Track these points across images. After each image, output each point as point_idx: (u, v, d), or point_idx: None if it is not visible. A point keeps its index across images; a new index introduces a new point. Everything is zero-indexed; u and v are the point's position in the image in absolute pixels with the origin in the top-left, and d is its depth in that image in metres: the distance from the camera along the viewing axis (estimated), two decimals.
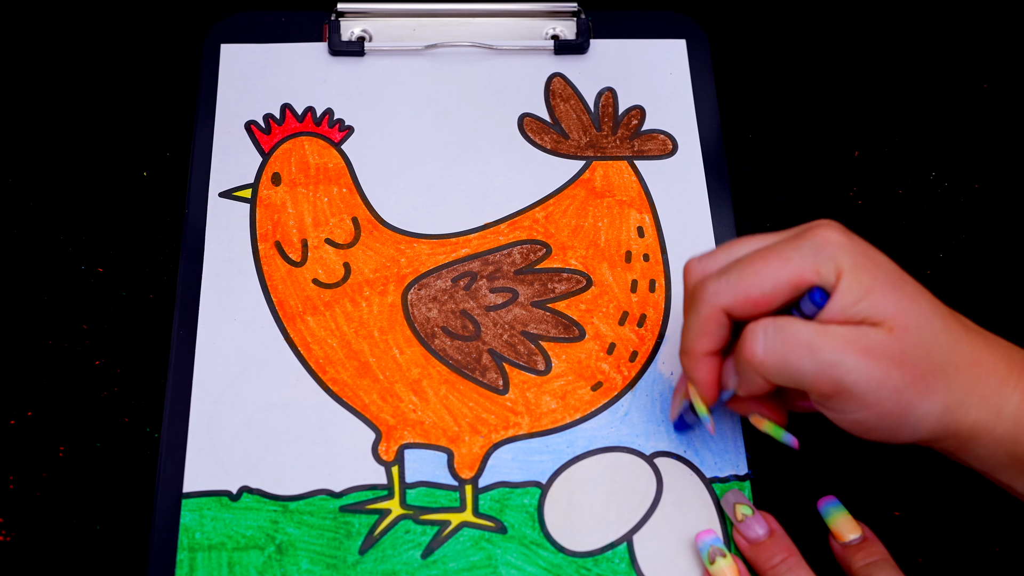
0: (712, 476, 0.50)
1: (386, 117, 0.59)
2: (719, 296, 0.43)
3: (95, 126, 0.61)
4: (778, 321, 0.42)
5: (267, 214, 0.56)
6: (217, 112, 0.59)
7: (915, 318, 0.41)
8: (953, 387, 0.42)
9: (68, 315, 0.55)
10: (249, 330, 0.53)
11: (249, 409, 0.51)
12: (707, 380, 0.45)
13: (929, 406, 0.41)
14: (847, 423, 0.43)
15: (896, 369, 0.41)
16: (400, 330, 0.53)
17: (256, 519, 0.48)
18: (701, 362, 0.45)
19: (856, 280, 0.41)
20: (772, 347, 0.42)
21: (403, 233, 0.56)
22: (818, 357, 0.41)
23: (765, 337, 0.42)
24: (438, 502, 0.49)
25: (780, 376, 0.42)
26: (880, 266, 0.42)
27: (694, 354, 0.45)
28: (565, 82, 0.61)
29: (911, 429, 0.42)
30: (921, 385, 0.41)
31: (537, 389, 0.52)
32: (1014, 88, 0.64)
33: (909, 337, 0.41)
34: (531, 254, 0.56)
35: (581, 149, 0.59)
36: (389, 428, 0.51)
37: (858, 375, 0.40)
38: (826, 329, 0.41)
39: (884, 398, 0.41)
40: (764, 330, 0.42)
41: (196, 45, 0.62)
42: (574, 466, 0.50)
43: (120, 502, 0.51)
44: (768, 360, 0.42)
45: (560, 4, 0.63)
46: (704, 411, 0.47)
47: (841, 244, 0.42)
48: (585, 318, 0.54)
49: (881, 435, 0.43)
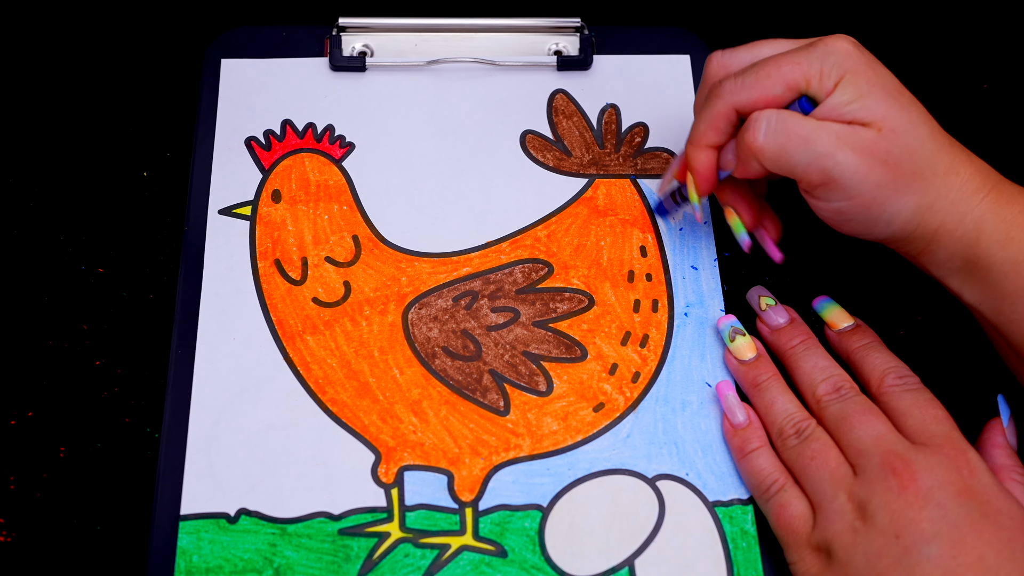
0: (715, 500, 0.50)
1: (387, 133, 0.59)
2: (734, 96, 0.48)
3: (95, 127, 0.61)
4: (780, 113, 0.46)
5: (267, 232, 0.56)
6: (217, 128, 0.58)
7: (904, 123, 0.46)
8: (928, 190, 0.46)
9: (68, 315, 0.55)
10: (248, 349, 0.52)
11: (248, 430, 0.51)
12: (706, 170, 0.50)
13: (904, 203, 0.46)
14: (829, 211, 0.48)
15: (880, 166, 0.45)
16: (400, 350, 0.53)
17: (254, 542, 0.48)
18: (704, 153, 0.50)
19: (854, 84, 0.46)
20: (772, 136, 0.46)
21: (404, 251, 0.55)
22: (812, 148, 0.45)
23: (767, 126, 0.46)
24: (438, 525, 0.49)
25: (775, 163, 0.47)
26: (880, 76, 0.46)
27: (700, 145, 0.50)
28: (567, 99, 0.60)
29: (884, 223, 0.47)
30: (900, 184, 0.46)
31: (538, 410, 0.52)
32: (1014, 88, 0.64)
33: (896, 139, 0.45)
34: (533, 273, 0.55)
35: (584, 167, 0.58)
36: (389, 450, 0.50)
37: (845, 167, 0.45)
38: (822, 124, 0.46)
39: (865, 191, 0.46)
40: (767, 120, 0.46)
41: (197, 58, 0.61)
42: (575, 489, 0.50)
43: (120, 503, 0.51)
44: (767, 147, 0.46)
45: (563, 20, 0.62)
46: (696, 199, 0.51)
47: (848, 53, 0.46)
48: (587, 338, 0.53)
49: (857, 227, 0.48)
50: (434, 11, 0.64)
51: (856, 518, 0.44)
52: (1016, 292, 0.46)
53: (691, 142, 0.50)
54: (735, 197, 0.52)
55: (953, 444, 0.45)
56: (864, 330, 0.52)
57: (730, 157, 0.49)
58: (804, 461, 0.47)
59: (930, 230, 0.47)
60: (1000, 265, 0.46)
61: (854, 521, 0.44)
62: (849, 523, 0.44)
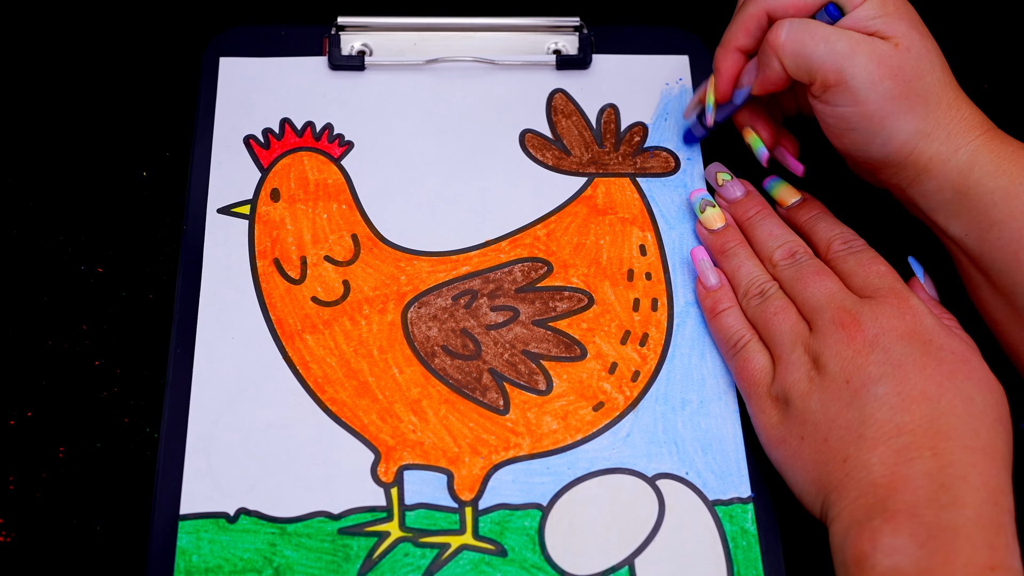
0: (715, 499, 0.50)
1: (386, 132, 0.59)
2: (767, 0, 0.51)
3: (95, 127, 0.61)
4: (806, 19, 0.50)
5: (266, 231, 0.55)
6: (216, 126, 0.58)
7: (919, 46, 0.49)
8: (930, 116, 0.49)
9: (68, 315, 0.55)
10: (247, 349, 0.52)
11: (247, 429, 0.50)
12: (729, 72, 0.53)
13: (903, 123, 0.49)
14: (834, 117, 0.50)
15: (891, 78, 0.48)
16: (400, 349, 0.53)
17: (254, 541, 0.48)
18: (731, 54, 0.53)
19: (880, 3, 0.49)
20: (794, 34, 0.49)
21: (403, 250, 0.55)
22: (831, 46, 0.48)
23: (791, 27, 0.49)
24: (437, 524, 0.49)
25: (794, 60, 0.49)
26: (906, 7, 0.49)
27: (729, 47, 0.53)
28: (567, 98, 0.60)
29: (882, 140, 0.49)
30: (905, 101, 0.48)
31: (538, 409, 0.51)
32: (1014, 88, 0.64)
33: (911, 57, 0.48)
34: (532, 272, 0.55)
35: (583, 166, 0.58)
36: (388, 449, 0.50)
37: (860, 69, 0.48)
38: (843, 31, 0.49)
39: (872, 99, 0.48)
40: (791, 22, 0.49)
41: (196, 57, 0.61)
42: (575, 488, 0.50)
43: (120, 503, 0.51)
44: (788, 43, 0.49)
45: (562, 19, 0.62)
46: (712, 101, 0.55)
47: None
48: (587, 337, 0.53)
49: (856, 139, 0.50)
50: (433, 10, 0.64)
51: (811, 369, 0.47)
52: (1004, 219, 0.48)
53: (721, 44, 0.53)
54: (753, 118, 0.55)
55: (896, 294, 0.48)
56: (812, 202, 0.55)
57: (750, 74, 0.53)
58: (767, 317, 0.50)
59: (924, 158, 0.49)
60: (991, 193, 0.48)
61: (810, 371, 0.47)
62: (805, 373, 0.47)
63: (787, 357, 0.48)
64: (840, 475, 0.45)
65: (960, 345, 0.46)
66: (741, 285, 0.52)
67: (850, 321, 0.47)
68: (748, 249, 0.54)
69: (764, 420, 0.49)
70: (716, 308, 0.53)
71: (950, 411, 0.44)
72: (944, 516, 0.41)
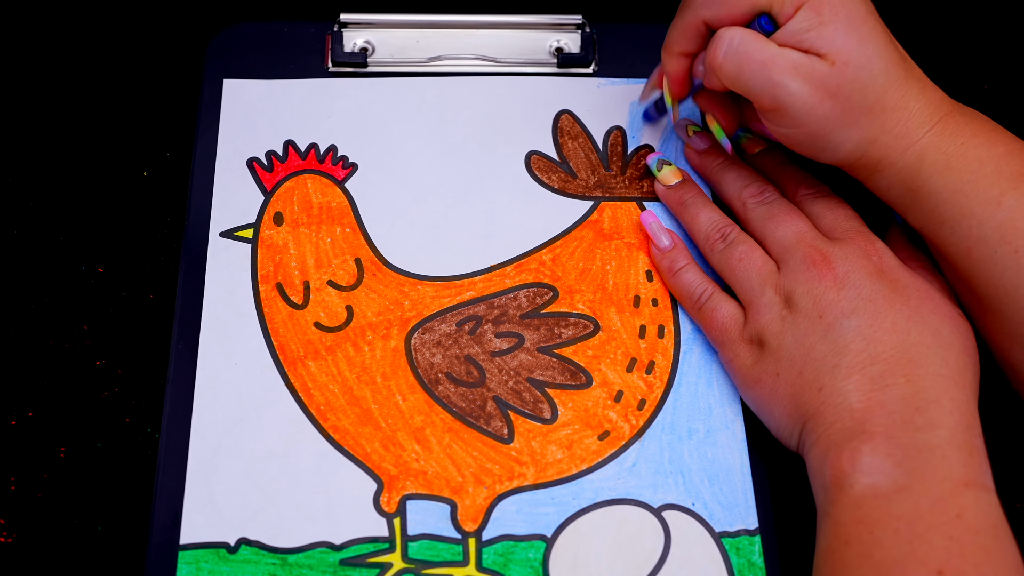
0: (722, 530, 0.49)
1: (391, 154, 0.58)
2: (704, 9, 0.50)
3: (95, 127, 0.61)
4: (746, 35, 0.48)
5: (269, 255, 0.55)
6: (219, 149, 0.58)
7: (858, 56, 0.47)
8: (874, 124, 0.49)
9: (68, 315, 0.55)
10: (249, 375, 0.52)
11: (248, 457, 0.50)
12: (677, 75, 0.53)
13: (848, 136, 0.49)
14: (779, 135, 0.51)
15: (829, 100, 0.48)
16: (403, 376, 0.52)
17: (254, 572, 0.47)
18: (676, 59, 0.53)
19: (814, 11, 0.47)
20: (731, 56, 0.48)
21: (407, 275, 0.55)
22: (766, 74, 0.48)
23: (728, 46, 0.48)
24: (440, 555, 0.48)
25: (732, 82, 0.49)
26: (845, 6, 0.47)
27: (672, 51, 0.53)
28: (573, 119, 0.60)
29: (831, 152, 0.50)
30: (846, 118, 0.48)
31: (543, 438, 0.51)
32: (1014, 88, 0.64)
33: (848, 73, 0.47)
34: (538, 298, 0.54)
35: (589, 189, 0.58)
36: (391, 478, 0.50)
37: (795, 98, 0.48)
38: (781, 52, 0.48)
39: (812, 121, 0.48)
40: (730, 40, 0.48)
41: (198, 55, 0.61)
42: (580, 519, 0.49)
43: (121, 503, 0.51)
44: (724, 66, 0.49)
45: (564, 17, 0.62)
46: (670, 102, 0.55)
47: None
48: (592, 364, 0.53)
49: (805, 151, 0.51)
50: (436, 8, 0.64)
51: (783, 308, 0.49)
52: (953, 218, 0.48)
53: (665, 48, 0.53)
54: (712, 104, 0.55)
55: (863, 236, 0.50)
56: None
57: (701, 68, 0.52)
58: (732, 263, 0.51)
59: (873, 160, 0.50)
60: (939, 193, 0.49)
61: (782, 311, 0.49)
62: (778, 313, 0.49)
63: (757, 300, 0.50)
64: (816, 403, 0.46)
65: (924, 284, 0.49)
66: (702, 231, 0.54)
67: (821, 260, 0.49)
68: (705, 198, 0.55)
69: (738, 363, 0.50)
70: (673, 267, 0.54)
71: (920, 342, 0.46)
72: (920, 437, 0.44)
